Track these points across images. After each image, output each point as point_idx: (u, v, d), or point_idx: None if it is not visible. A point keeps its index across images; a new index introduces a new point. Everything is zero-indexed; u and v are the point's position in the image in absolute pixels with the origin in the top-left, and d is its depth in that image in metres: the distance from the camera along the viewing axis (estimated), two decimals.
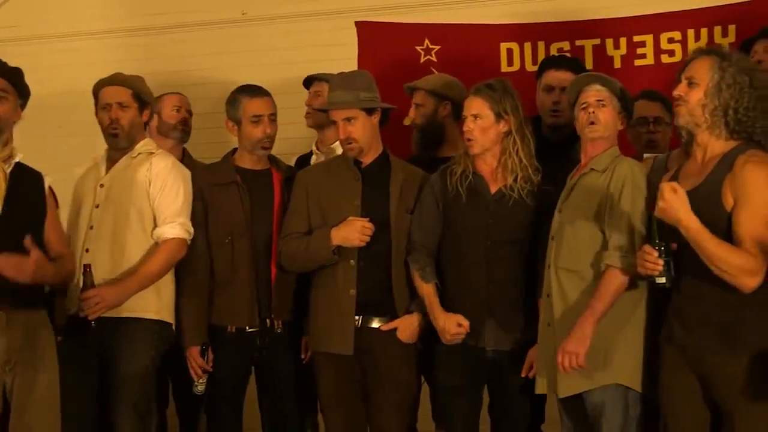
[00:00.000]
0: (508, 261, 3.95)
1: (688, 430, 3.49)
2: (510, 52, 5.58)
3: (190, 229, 4.23)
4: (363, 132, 4.12)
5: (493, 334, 3.97)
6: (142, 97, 4.36)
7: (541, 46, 5.53)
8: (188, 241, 4.23)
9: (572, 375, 3.66)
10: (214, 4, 6.00)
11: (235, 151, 4.43)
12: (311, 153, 5.02)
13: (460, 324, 3.94)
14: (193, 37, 5.97)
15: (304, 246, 4.11)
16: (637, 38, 5.42)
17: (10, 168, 3.85)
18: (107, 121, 4.32)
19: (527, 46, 5.55)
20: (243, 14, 5.99)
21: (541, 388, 3.85)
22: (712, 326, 3.36)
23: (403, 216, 4.12)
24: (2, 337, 3.73)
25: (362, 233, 4.02)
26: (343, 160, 4.22)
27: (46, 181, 3.99)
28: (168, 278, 4.24)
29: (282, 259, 4.20)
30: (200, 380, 4.27)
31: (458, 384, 4.03)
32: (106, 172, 4.31)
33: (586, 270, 3.72)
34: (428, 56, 5.67)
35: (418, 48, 5.67)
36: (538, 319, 3.88)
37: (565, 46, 5.49)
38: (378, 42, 5.70)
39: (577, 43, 5.48)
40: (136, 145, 4.32)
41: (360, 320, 4.08)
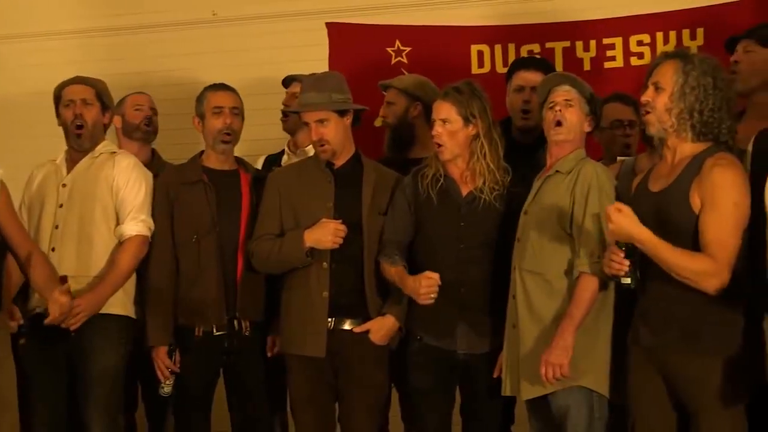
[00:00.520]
0: (479, 264, 3.96)
1: (656, 430, 3.51)
2: (481, 54, 5.59)
3: (152, 225, 4.26)
4: (335, 134, 4.11)
5: (465, 337, 3.98)
6: (104, 99, 4.41)
7: (511, 48, 5.54)
8: (149, 238, 4.26)
9: (553, 382, 3.67)
10: (184, 4, 5.98)
11: (203, 152, 4.42)
12: (281, 153, 5.01)
13: (429, 277, 3.88)
14: (164, 37, 5.95)
15: (277, 248, 4.09)
16: (606, 41, 5.44)
17: None
18: (71, 117, 4.33)
19: (498, 48, 5.56)
20: (213, 15, 5.97)
21: (507, 390, 3.86)
22: (677, 327, 3.38)
23: (375, 218, 4.11)
24: None
25: (335, 235, 4.01)
26: (316, 161, 4.21)
27: None
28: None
29: (254, 260, 4.18)
30: (167, 382, 4.25)
31: (430, 386, 4.03)
32: (68, 173, 4.32)
33: (550, 272, 3.74)
34: (399, 58, 5.67)
35: (389, 49, 5.67)
36: None
37: (536, 48, 5.51)
38: (349, 43, 5.70)
39: (548, 45, 5.49)
40: (97, 146, 4.36)
41: (332, 322, 4.07)
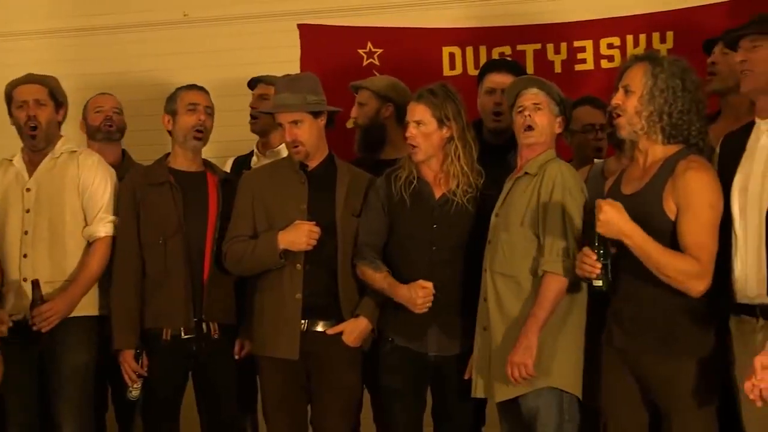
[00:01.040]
0: (452, 266, 3.96)
1: (628, 430, 3.53)
2: (452, 56, 5.60)
3: (116, 223, 4.27)
4: (310, 135, 4.11)
5: (436, 339, 3.98)
6: (57, 96, 4.38)
7: (482, 51, 5.56)
8: (111, 234, 4.27)
9: (520, 382, 3.67)
10: (155, 5, 5.95)
11: (169, 154, 4.39)
12: (250, 155, 4.99)
13: (424, 286, 3.90)
14: (134, 38, 5.91)
15: (251, 249, 4.08)
16: (577, 43, 5.47)
17: None
18: (24, 119, 4.31)
19: (469, 50, 5.57)
20: (185, 15, 5.94)
21: (478, 392, 3.86)
22: (650, 329, 3.40)
23: (349, 219, 4.11)
24: None
25: (309, 237, 4.01)
26: (289, 162, 4.20)
27: None
28: None
29: (227, 262, 4.16)
30: (134, 385, 4.22)
31: (401, 387, 4.03)
32: (30, 176, 4.28)
33: (520, 274, 3.74)
34: (371, 59, 5.67)
35: (360, 51, 5.67)
36: None
37: (507, 50, 5.52)
38: (321, 45, 5.70)
39: (519, 47, 5.51)
40: (55, 146, 4.34)
41: (306, 324, 4.06)
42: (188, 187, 4.29)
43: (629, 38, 5.42)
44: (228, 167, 4.90)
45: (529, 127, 3.83)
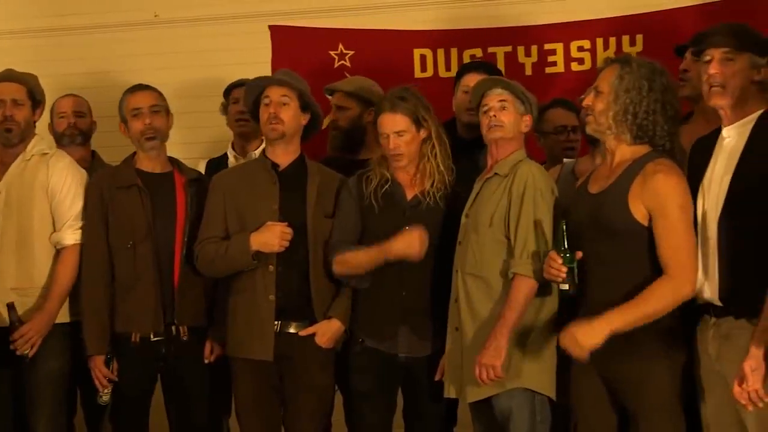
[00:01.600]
0: (423, 267, 3.95)
1: (597, 431, 3.55)
2: (423, 58, 5.63)
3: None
4: (291, 118, 4.10)
5: (406, 340, 3.98)
6: (35, 96, 4.33)
7: (454, 53, 5.58)
8: (80, 241, 4.22)
9: (488, 383, 3.68)
10: (125, 5, 5.91)
11: (135, 154, 4.36)
12: (224, 157, 4.98)
13: (414, 228, 3.89)
14: (104, 38, 5.88)
15: (223, 251, 4.06)
16: (547, 46, 5.51)
17: None
18: (0, 118, 4.25)
19: (440, 52, 5.60)
20: (155, 16, 5.91)
21: (450, 393, 3.87)
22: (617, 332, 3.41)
23: (320, 220, 4.10)
24: None
25: (282, 238, 4.00)
26: (260, 163, 4.19)
27: None
28: None
29: (199, 263, 4.14)
30: (105, 390, 4.19)
31: (370, 389, 4.03)
32: (0, 178, 4.24)
33: (490, 276, 3.75)
34: (342, 61, 5.68)
35: (332, 53, 5.68)
36: None
37: (478, 52, 5.55)
38: (292, 46, 5.70)
39: (490, 50, 5.54)
40: (27, 146, 4.28)
41: (279, 325, 4.05)
42: (156, 189, 4.25)
43: (599, 41, 5.46)
44: (202, 169, 4.87)
45: (495, 125, 3.84)
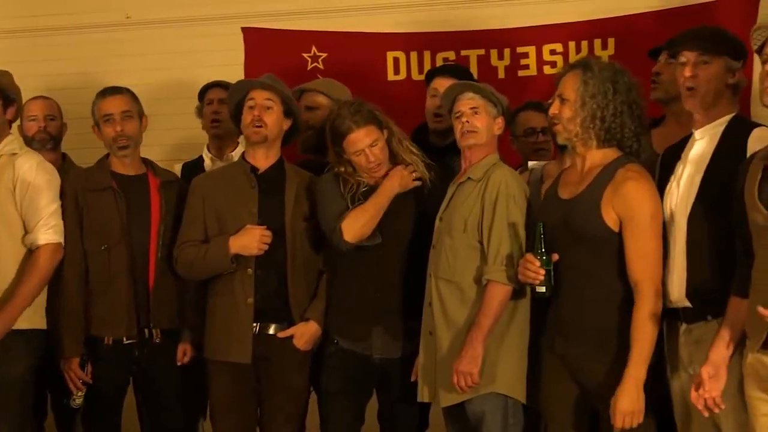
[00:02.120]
0: (396, 268, 3.97)
1: None
2: (396, 60, 5.63)
3: (63, 229, 4.14)
4: (274, 122, 4.11)
5: (380, 341, 3.99)
6: (8, 94, 4.25)
7: (427, 56, 5.59)
8: (62, 244, 4.13)
9: (466, 390, 3.68)
10: (96, 6, 5.88)
11: (109, 155, 4.34)
12: (199, 159, 4.97)
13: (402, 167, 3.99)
14: (76, 40, 5.84)
15: (202, 254, 4.06)
16: (520, 49, 5.52)
17: None
18: None
19: (413, 55, 5.60)
20: (127, 18, 5.89)
21: (423, 396, 3.87)
22: (590, 335, 3.42)
23: (299, 223, 4.10)
24: None
25: (261, 241, 4.00)
26: (240, 167, 4.20)
27: None
28: None
29: (178, 266, 4.14)
30: (79, 393, 4.18)
31: (342, 390, 4.03)
32: None
33: (463, 281, 3.75)
34: (315, 63, 5.68)
35: (305, 55, 5.68)
36: None
37: (451, 55, 5.56)
38: (265, 48, 5.69)
39: (463, 53, 5.55)
40: None
41: (257, 327, 4.05)
42: (130, 191, 4.24)
43: (571, 44, 5.48)
44: (177, 172, 4.85)
45: (468, 132, 3.85)
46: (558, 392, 3.54)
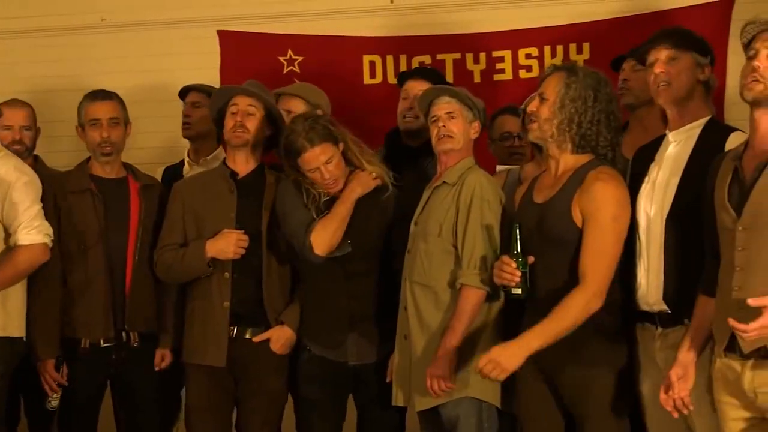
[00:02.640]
0: (368, 274, 3.98)
1: None
2: (372, 64, 5.63)
3: (49, 231, 4.09)
4: (256, 129, 4.13)
5: (355, 348, 3.99)
6: None
7: (403, 59, 5.59)
8: (49, 245, 4.08)
9: (439, 394, 3.68)
10: (72, 9, 5.84)
11: (90, 158, 4.35)
12: (181, 163, 4.97)
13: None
14: (51, 42, 5.80)
15: (180, 257, 4.08)
16: (496, 53, 5.53)
17: None
18: None
19: (390, 58, 5.61)
20: (102, 20, 5.86)
21: (398, 400, 3.87)
22: (563, 339, 3.40)
23: (275, 228, 4.09)
24: None
25: (237, 245, 4.01)
26: (219, 172, 4.21)
27: None
28: (17, 289, 4.09)
29: (158, 270, 4.16)
30: (54, 395, 4.17)
31: (319, 397, 4.03)
32: None
33: (438, 285, 3.76)
34: (291, 67, 5.67)
35: (281, 58, 5.67)
36: None
37: (427, 59, 5.57)
38: (241, 52, 5.68)
39: (439, 56, 5.56)
40: None
41: (234, 331, 4.06)
42: (110, 194, 4.25)
43: (547, 49, 5.50)
44: (158, 175, 4.84)
45: (444, 136, 3.85)
46: (533, 397, 3.55)
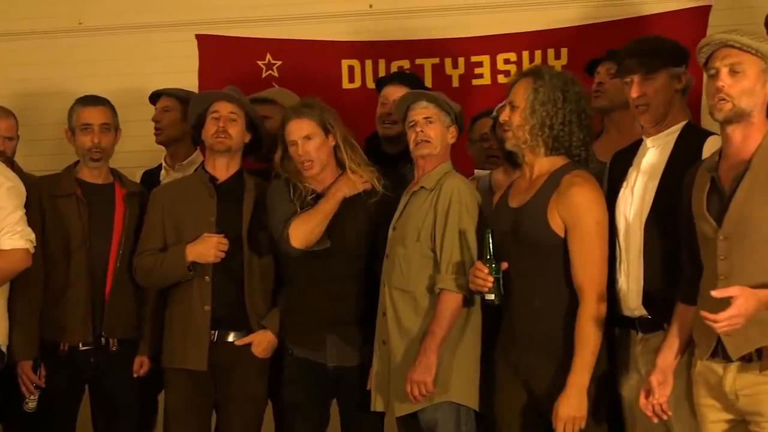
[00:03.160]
0: (349, 277, 3.98)
1: None
2: (351, 68, 5.63)
3: (32, 236, 4.07)
4: (238, 133, 4.16)
5: (334, 350, 3.99)
6: None
7: (381, 64, 5.60)
8: (31, 250, 4.06)
9: (420, 399, 3.69)
10: (49, 12, 5.81)
11: (77, 163, 4.35)
12: (158, 168, 4.96)
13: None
14: (28, 45, 5.77)
15: (160, 262, 4.08)
16: (474, 58, 5.55)
17: None
18: None
19: (368, 63, 5.61)
20: (79, 24, 5.83)
21: (377, 406, 3.88)
22: (540, 343, 3.44)
23: (256, 232, 4.11)
24: None
25: (217, 249, 4.01)
26: (199, 177, 4.22)
27: None
28: None
29: (137, 275, 4.16)
30: (32, 397, 4.16)
31: (302, 401, 4.03)
32: None
33: (417, 290, 3.76)
34: (270, 71, 5.66)
35: (259, 63, 5.66)
36: None
37: (405, 64, 5.57)
38: (219, 56, 5.67)
39: (417, 61, 5.56)
40: None
41: (216, 335, 4.06)
42: (95, 200, 4.26)
43: (525, 54, 5.52)
44: (137, 179, 4.83)
45: (422, 141, 3.86)
46: (511, 400, 3.56)
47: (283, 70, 5.63)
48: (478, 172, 4.38)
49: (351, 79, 5.63)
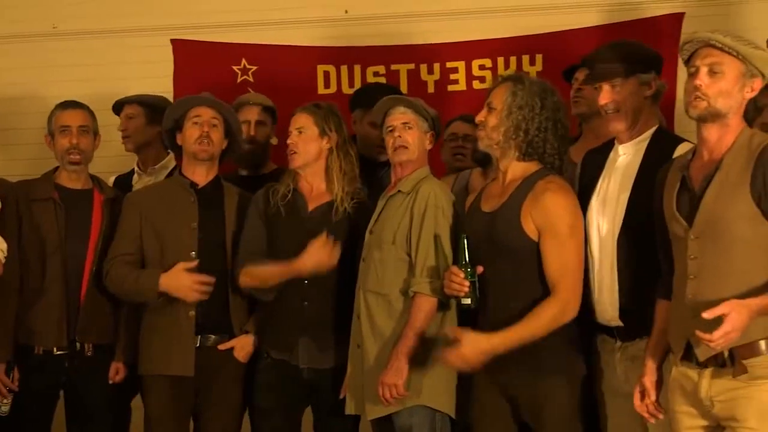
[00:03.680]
0: (325, 279, 3.95)
1: None
2: (327, 74, 5.65)
3: (3, 246, 4.04)
4: (219, 139, 4.17)
5: (306, 352, 3.97)
6: None
7: (357, 69, 5.61)
8: (2, 260, 4.02)
9: (391, 402, 3.68)
10: (24, 16, 5.80)
11: (57, 168, 4.33)
12: (131, 173, 4.94)
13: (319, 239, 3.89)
14: (2, 50, 5.76)
15: (134, 278, 4.05)
16: (450, 64, 5.58)
17: None
18: None
19: (344, 68, 5.63)
20: (54, 28, 5.82)
21: (351, 409, 3.87)
22: (517, 350, 3.40)
23: (238, 237, 4.10)
24: None
25: (194, 291, 3.97)
26: (178, 182, 4.21)
27: None
28: None
29: (108, 281, 4.12)
30: (5, 400, 4.12)
31: (273, 406, 4.02)
32: None
33: (391, 293, 3.76)
34: (245, 76, 5.67)
35: (234, 68, 5.67)
36: None
37: (381, 69, 5.60)
38: (194, 61, 5.67)
39: (393, 67, 5.59)
40: None
41: (199, 340, 4.05)
42: (73, 205, 4.24)
43: (500, 60, 5.55)
44: (109, 184, 4.81)
45: (400, 147, 3.87)
46: (488, 406, 3.55)
47: (258, 75, 5.64)
48: (462, 173, 4.38)
49: (327, 85, 5.65)
